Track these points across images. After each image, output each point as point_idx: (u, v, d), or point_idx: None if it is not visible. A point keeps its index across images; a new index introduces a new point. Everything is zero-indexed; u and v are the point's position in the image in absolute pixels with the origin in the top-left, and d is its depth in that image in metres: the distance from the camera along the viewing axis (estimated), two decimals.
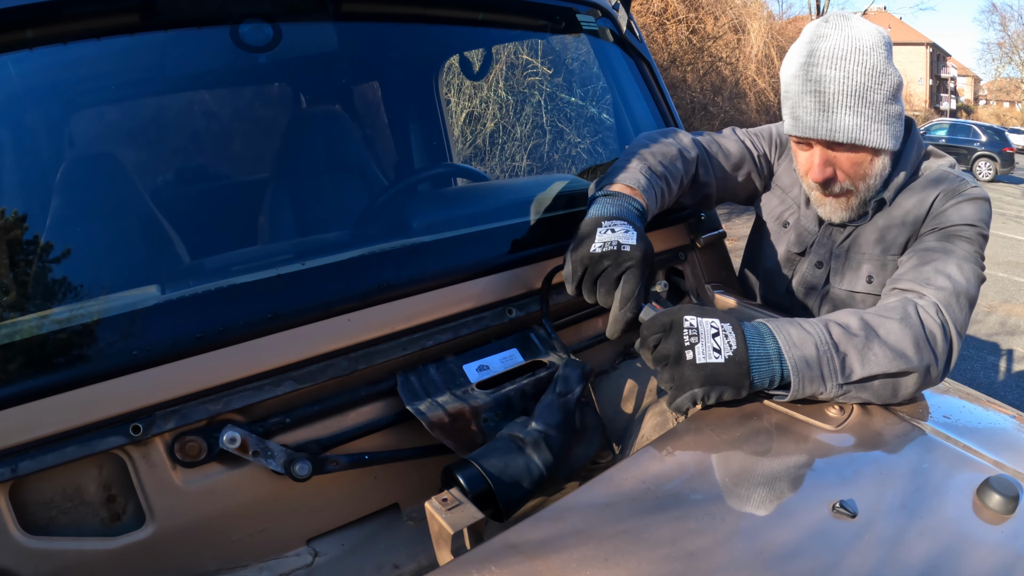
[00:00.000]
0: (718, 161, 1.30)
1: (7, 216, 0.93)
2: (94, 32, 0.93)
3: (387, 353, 0.95)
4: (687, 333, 0.87)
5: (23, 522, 0.75)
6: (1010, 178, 16.69)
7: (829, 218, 1.20)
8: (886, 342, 0.91)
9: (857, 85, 1.04)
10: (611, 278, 0.93)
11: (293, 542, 0.88)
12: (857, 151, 1.10)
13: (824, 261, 1.25)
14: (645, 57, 1.48)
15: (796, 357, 0.88)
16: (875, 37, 1.06)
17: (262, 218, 1.60)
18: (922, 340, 0.93)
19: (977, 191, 1.11)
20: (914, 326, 0.93)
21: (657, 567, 0.64)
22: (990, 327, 5.43)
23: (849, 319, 0.93)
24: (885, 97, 1.07)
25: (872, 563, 0.65)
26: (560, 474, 0.90)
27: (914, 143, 1.18)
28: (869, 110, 1.06)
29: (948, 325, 0.96)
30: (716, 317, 0.89)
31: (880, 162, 1.12)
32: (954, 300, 0.99)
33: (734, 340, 0.87)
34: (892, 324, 0.93)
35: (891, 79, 1.07)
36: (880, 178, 1.14)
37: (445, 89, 3.97)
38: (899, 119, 1.11)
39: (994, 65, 45.98)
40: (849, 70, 1.04)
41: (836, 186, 1.14)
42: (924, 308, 0.96)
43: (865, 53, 1.04)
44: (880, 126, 1.07)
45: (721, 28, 14.27)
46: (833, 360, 0.89)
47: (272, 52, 1.12)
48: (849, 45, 1.04)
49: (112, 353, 0.80)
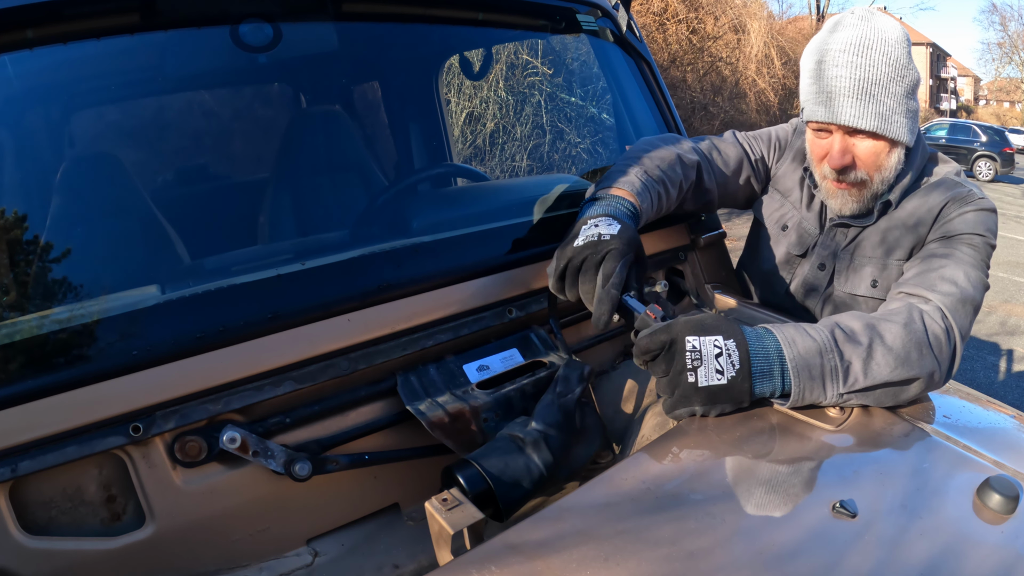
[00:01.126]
0: (718, 167, 1.30)
1: (7, 216, 0.93)
2: (94, 32, 0.93)
3: (387, 353, 0.95)
4: (689, 357, 0.85)
5: (23, 522, 0.75)
6: (1010, 178, 16.69)
7: (839, 210, 1.20)
8: (891, 348, 0.90)
9: (881, 75, 1.06)
10: (592, 263, 0.92)
11: (293, 542, 0.88)
12: (877, 140, 1.11)
13: (827, 263, 1.24)
14: (645, 57, 1.48)
15: (800, 367, 0.87)
16: (899, 32, 1.08)
17: (262, 218, 1.60)
18: (925, 346, 0.93)
19: (986, 202, 1.12)
20: (918, 332, 0.93)
21: (657, 567, 0.64)
22: (990, 327, 5.43)
23: (854, 323, 0.93)
24: (906, 91, 1.09)
25: (872, 563, 0.65)
26: (560, 474, 0.90)
27: (919, 146, 1.18)
28: (891, 101, 1.08)
29: (952, 330, 0.96)
30: (719, 333, 0.87)
31: (896, 155, 1.13)
32: (959, 306, 0.99)
33: (737, 359, 0.86)
34: (896, 329, 0.93)
35: (912, 74, 1.09)
36: (894, 172, 1.14)
37: (445, 89, 3.97)
38: (916, 116, 1.13)
39: (994, 65, 46.01)
40: (875, 59, 1.06)
41: (852, 174, 1.14)
42: (929, 314, 0.96)
43: (890, 45, 1.07)
44: (900, 119, 1.09)
45: (721, 28, 14.27)
46: (837, 370, 0.88)
47: (272, 52, 1.12)
48: (876, 36, 1.06)
49: (112, 353, 0.80)
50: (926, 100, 40.62)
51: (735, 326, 0.89)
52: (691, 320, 0.88)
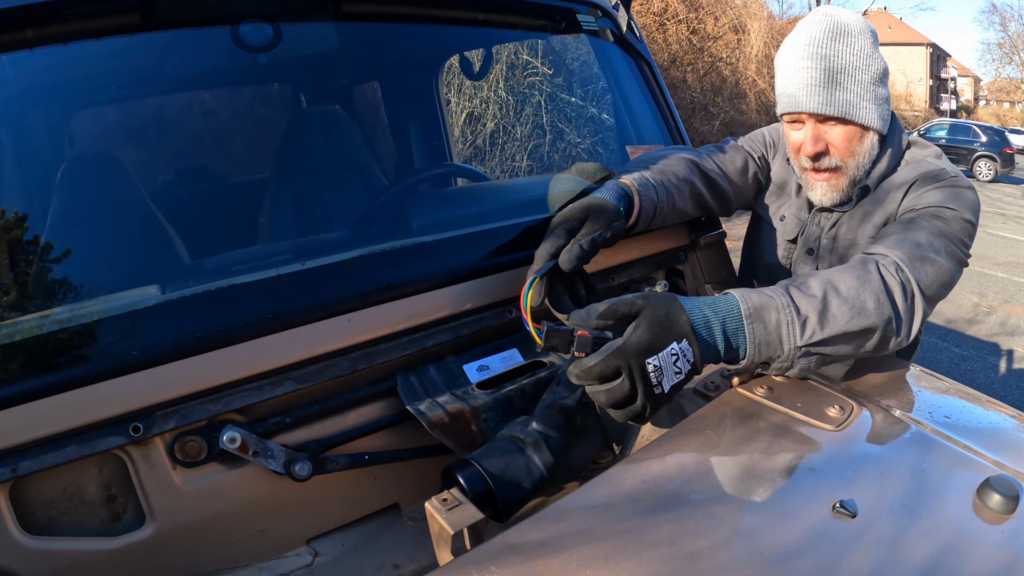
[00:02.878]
0: (728, 169, 1.35)
1: (7, 216, 0.93)
2: (94, 32, 0.93)
3: (387, 353, 0.95)
4: (653, 376, 0.79)
5: (23, 522, 0.75)
6: (1010, 178, 16.69)
7: (820, 201, 1.24)
8: (846, 298, 0.90)
9: (846, 63, 1.12)
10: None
11: (293, 542, 0.88)
12: (847, 125, 1.15)
13: (814, 248, 1.29)
14: (645, 57, 1.48)
15: (756, 328, 0.86)
16: (861, 23, 1.14)
17: (262, 218, 1.60)
18: (882, 293, 0.93)
19: (959, 180, 1.13)
20: (873, 281, 0.93)
21: (657, 567, 0.64)
22: (990, 327, 5.43)
23: (809, 279, 0.93)
24: (872, 78, 1.14)
25: (872, 563, 0.65)
26: (560, 474, 0.90)
27: (896, 133, 1.22)
28: (859, 88, 1.13)
29: (909, 282, 0.96)
30: (672, 339, 0.80)
31: (868, 140, 1.17)
32: (918, 263, 0.99)
33: (691, 355, 0.83)
34: (850, 279, 0.92)
35: (878, 63, 1.14)
36: (869, 157, 1.18)
37: (445, 89, 3.97)
38: (886, 103, 1.17)
39: (994, 65, 46.02)
40: (838, 49, 1.12)
41: (826, 160, 1.18)
42: (884, 265, 0.96)
43: (853, 36, 1.13)
44: (869, 104, 1.14)
45: (721, 28, 14.27)
46: (794, 323, 0.87)
47: (272, 52, 1.12)
48: (838, 28, 1.13)
49: (112, 353, 0.80)
50: (926, 100, 40.62)
51: (684, 316, 0.82)
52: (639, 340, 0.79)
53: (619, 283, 1.24)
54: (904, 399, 0.97)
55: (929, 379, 1.07)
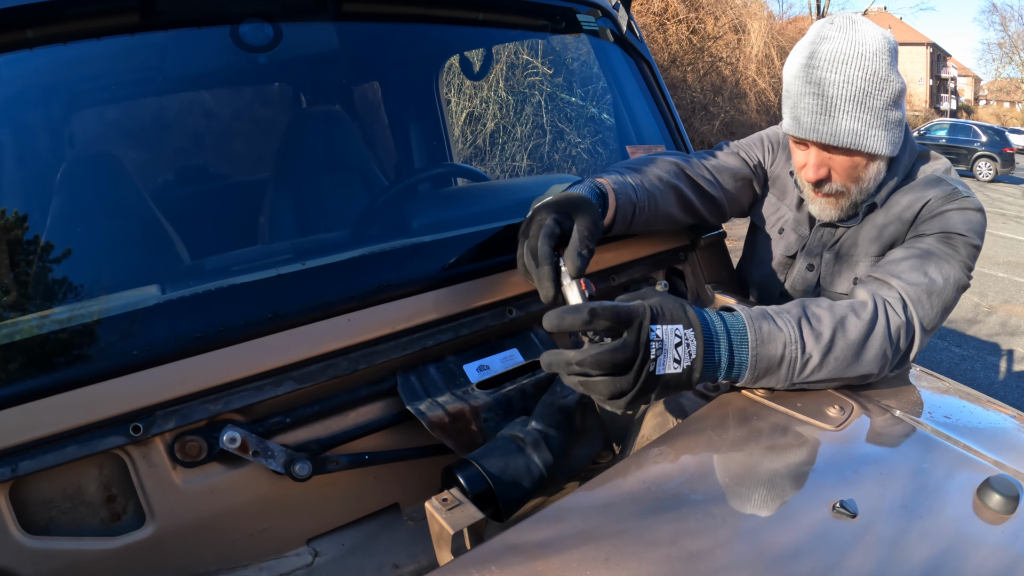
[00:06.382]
0: (722, 177, 1.29)
1: (7, 216, 0.93)
2: (94, 32, 0.93)
3: (387, 353, 0.95)
4: (654, 346, 0.78)
5: (23, 522, 0.75)
6: (1010, 178, 16.68)
7: (819, 216, 1.20)
8: (852, 344, 0.91)
9: (857, 90, 1.04)
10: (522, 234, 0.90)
11: (293, 542, 0.88)
12: (853, 155, 1.10)
13: (815, 264, 1.25)
14: (645, 57, 1.48)
15: (760, 357, 0.86)
16: (879, 42, 1.05)
17: (262, 218, 1.60)
18: (886, 344, 0.93)
19: (971, 201, 1.09)
20: (879, 328, 0.93)
21: (657, 567, 0.64)
22: (990, 327, 5.43)
23: (822, 312, 0.92)
24: (885, 103, 1.06)
25: (872, 564, 0.65)
26: (560, 474, 0.90)
27: (907, 147, 1.17)
28: (868, 115, 1.05)
29: (912, 321, 0.96)
30: (680, 322, 0.81)
31: (875, 167, 1.12)
32: (924, 296, 0.98)
33: (695, 349, 0.82)
34: (859, 324, 0.92)
35: (893, 85, 1.06)
36: (874, 182, 1.14)
37: (445, 89, 3.97)
38: (899, 126, 1.10)
39: (994, 65, 46.00)
40: (850, 75, 1.03)
41: (828, 186, 1.14)
42: (892, 307, 0.96)
43: (868, 58, 1.03)
44: (878, 132, 1.07)
45: (721, 28, 14.27)
46: (796, 361, 0.88)
47: (272, 52, 1.12)
48: (852, 49, 1.03)
49: (112, 353, 0.80)
50: (926, 100, 40.63)
51: (692, 311, 0.83)
52: (650, 304, 0.79)
53: (619, 283, 1.24)
54: (904, 399, 0.97)
55: (929, 379, 1.07)
